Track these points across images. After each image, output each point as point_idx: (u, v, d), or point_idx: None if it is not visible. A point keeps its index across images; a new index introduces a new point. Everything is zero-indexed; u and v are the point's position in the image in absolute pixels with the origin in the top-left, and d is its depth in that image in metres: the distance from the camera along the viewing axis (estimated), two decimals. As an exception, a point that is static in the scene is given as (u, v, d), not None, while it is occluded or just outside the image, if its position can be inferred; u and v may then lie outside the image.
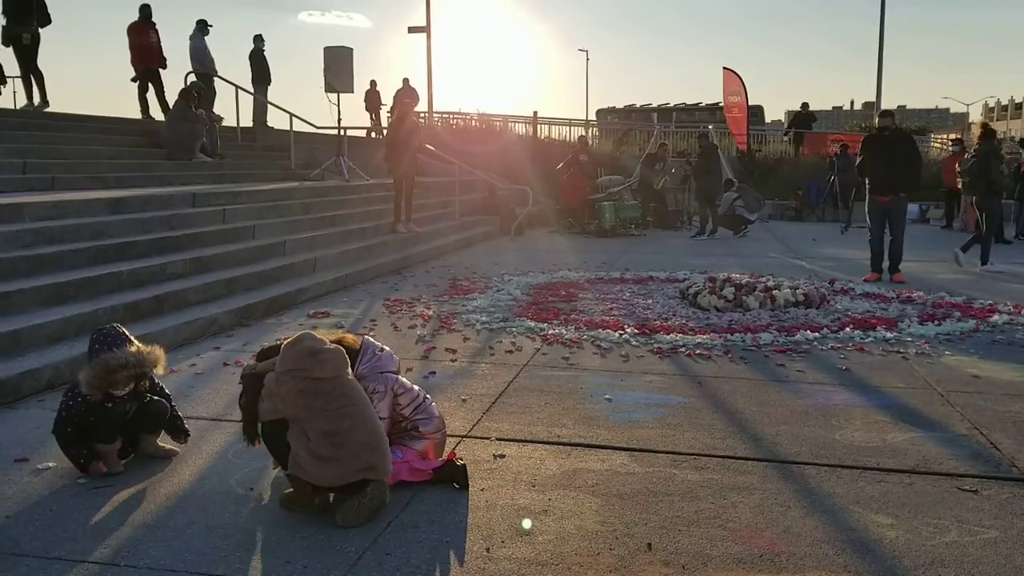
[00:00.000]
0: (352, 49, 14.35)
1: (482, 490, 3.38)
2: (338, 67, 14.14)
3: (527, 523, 3.06)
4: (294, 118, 15.12)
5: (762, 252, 12.41)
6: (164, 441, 3.81)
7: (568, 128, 25.95)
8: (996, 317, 6.94)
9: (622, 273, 9.78)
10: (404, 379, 3.68)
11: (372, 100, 25.52)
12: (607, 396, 4.71)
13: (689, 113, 41.94)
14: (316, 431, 3.02)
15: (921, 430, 4.14)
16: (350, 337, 3.64)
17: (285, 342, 3.21)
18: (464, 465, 3.45)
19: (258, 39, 17.34)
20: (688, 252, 12.39)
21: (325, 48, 14.29)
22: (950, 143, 19.88)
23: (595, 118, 47.27)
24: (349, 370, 3.21)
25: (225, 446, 3.88)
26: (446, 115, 27.09)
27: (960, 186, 11.15)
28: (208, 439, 3.99)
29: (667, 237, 15.00)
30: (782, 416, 4.37)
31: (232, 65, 17.45)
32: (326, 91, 14.24)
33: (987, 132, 10.79)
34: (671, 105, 50.54)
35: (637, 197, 16.54)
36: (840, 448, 3.88)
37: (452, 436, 4.00)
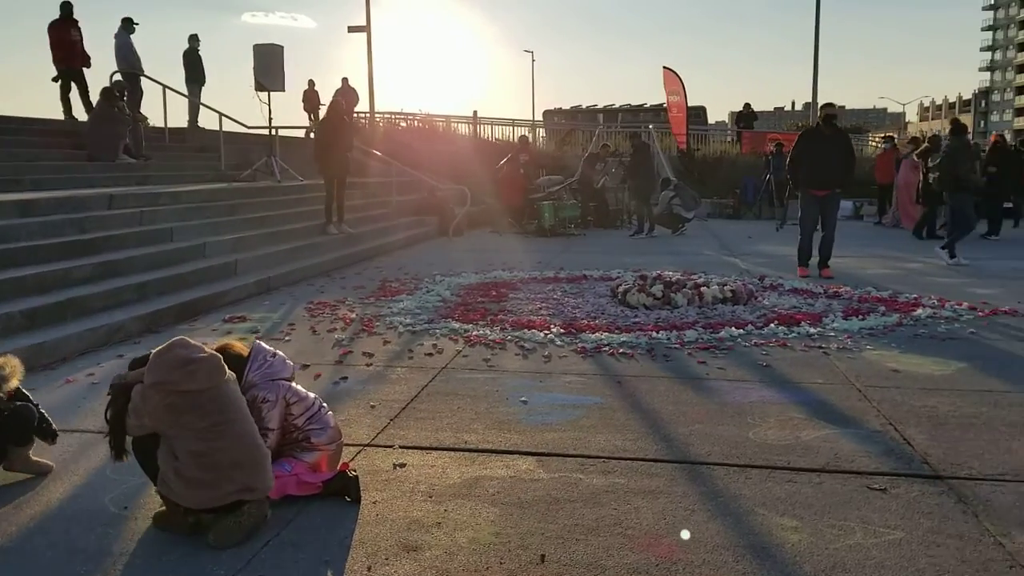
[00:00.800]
0: (282, 47, 14.03)
1: (375, 503, 3.19)
2: (268, 65, 13.80)
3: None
4: (224, 118, 14.79)
5: (698, 250, 12.42)
6: (40, 454, 3.54)
7: (511, 128, 25.85)
8: (920, 311, 6.97)
9: (556, 272, 9.67)
10: (299, 386, 3.48)
11: (311, 100, 25.06)
12: (523, 398, 4.56)
13: (634, 114, 42.26)
14: (184, 451, 2.80)
15: (836, 427, 4.08)
16: (237, 344, 3.43)
17: (155, 350, 2.98)
18: (356, 476, 3.26)
19: (193, 39, 16.90)
20: (625, 251, 12.34)
21: (255, 46, 13.94)
22: (882, 140, 20.22)
23: (542, 119, 47.34)
24: (229, 379, 3.00)
25: (105, 462, 3.62)
26: (388, 115, 26.79)
27: (931, 182, 11.23)
28: (88, 455, 3.74)
29: (606, 236, 14.96)
30: (698, 415, 4.27)
31: (176, 66, 17.04)
32: (256, 90, 13.91)
33: (956, 128, 10.86)
34: (617, 106, 50.95)
35: (578, 197, 16.49)
36: (752, 447, 3.79)
37: (353, 445, 3.81)
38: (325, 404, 3.53)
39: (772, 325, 6.41)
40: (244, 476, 2.86)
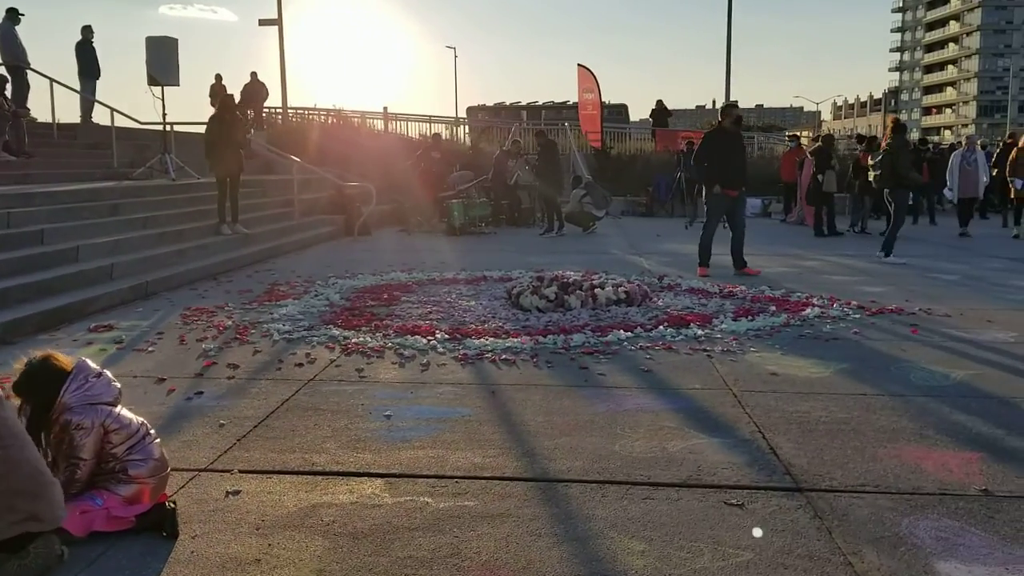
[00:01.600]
0: (176, 40, 13.46)
1: (194, 537, 2.91)
2: (162, 59, 13.21)
3: None
4: (117, 113, 14.11)
5: (605, 248, 12.36)
6: None
7: (428, 125, 25.49)
8: (809, 311, 6.98)
9: (456, 273, 9.44)
10: (123, 412, 3.15)
11: (219, 95, 24.24)
12: (387, 413, 4.31)
13: (558, 111, 42.33)
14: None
15: (704, 436, 3.95)
16: (63, 357, 3.10)
17: None
18: (174, 509, 2.98)
19: (86, 30, 16.13)
20: (533, 250, 12.19)
21: (147, 38, 13.34)
22: (787, 139, 20.58)
23: (466, 115, 47.03)
24: (9, 403, 2.68)
25: None
26: (301, 111, 26.12)
27: (871, 179, 11.36)
28: None
29: (517, 235, 14.79)
30: (567, 426, 4.09)
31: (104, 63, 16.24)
32: (149, 84, 13.30)
33: (897, 127, 10.99)
34: (540, 103, 51.01)
35: (490, 195, 16.29)
36: (616, 461, 3.62)
37: (187, 470, 3.51)
38: (152, 432, 3.22)
39: (661, 327, 6.31)
40: (28, 504, 2.55)
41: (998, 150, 16.23)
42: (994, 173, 15.01)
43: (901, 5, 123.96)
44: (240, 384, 4.88)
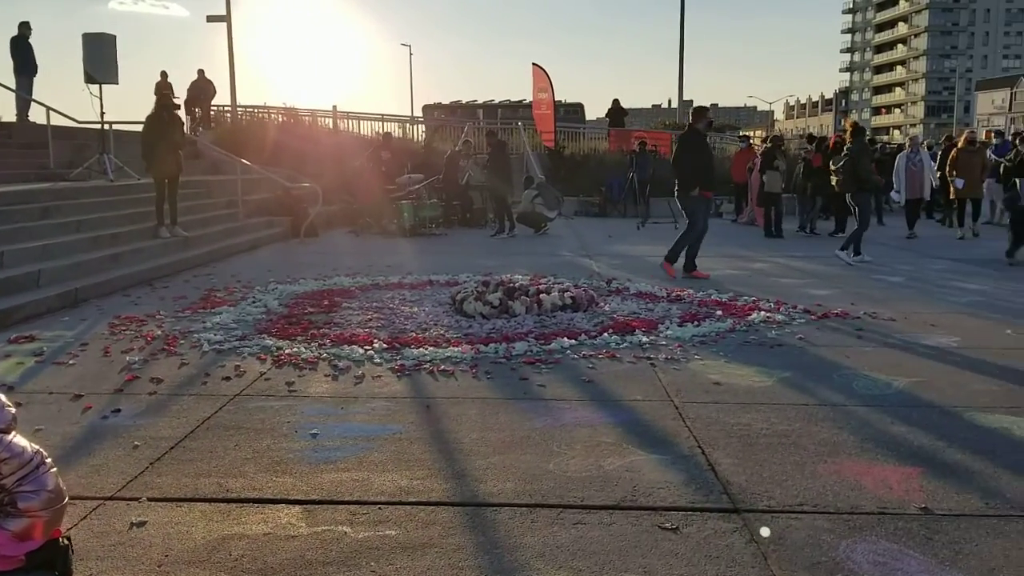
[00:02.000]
0: (115, 36, 13.04)
1: (87, 578, 2.69)
2: (99, 56, 12.79)
3: None
4: (54, 112, 13.61)
5: (556, 250, 12.24)
6: None
7: (381, 123, 25.14)
8: (755, 315, 6.92)
9: (402, 277, 9.22)
10: (17, 439, 2.91)
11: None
12: (314, 431, 4.11)
13: (513, 110, 42.20)
14: None
15: (643, 452, 3.82)
16: None
17: None
18: (68, 545, 2.75)
19: (23, 26, 15.60)
20: (483, 252, 12.02)
21: (84, 35, 12.90)
22: (739, 139, 20.69)
23: (422, 113, 46.68)
24: None
25: None
26: (250, 109, 25.59)
27: (833, 183, 11.41)
28: None
29: (468, 236, 14.61)
30: (501, 443, 3.93)
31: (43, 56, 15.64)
32: (86, 82, 12.86)
33: (857, 131, 11.04)
34: (496, 102, 50.87)
35: (441, 195, 16.07)
36: (549, 481, 3.47)
37: (92, 499, 3.28)
38: (49, 460, 2.97)
39: (606, 334, 6.18)
40: None
41: (941, 151, 16.46)
42: (939, 174, 15.21)
43: (852, 7, 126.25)
44: (161, 400, 4.63)
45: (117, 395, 4.74)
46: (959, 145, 14.02)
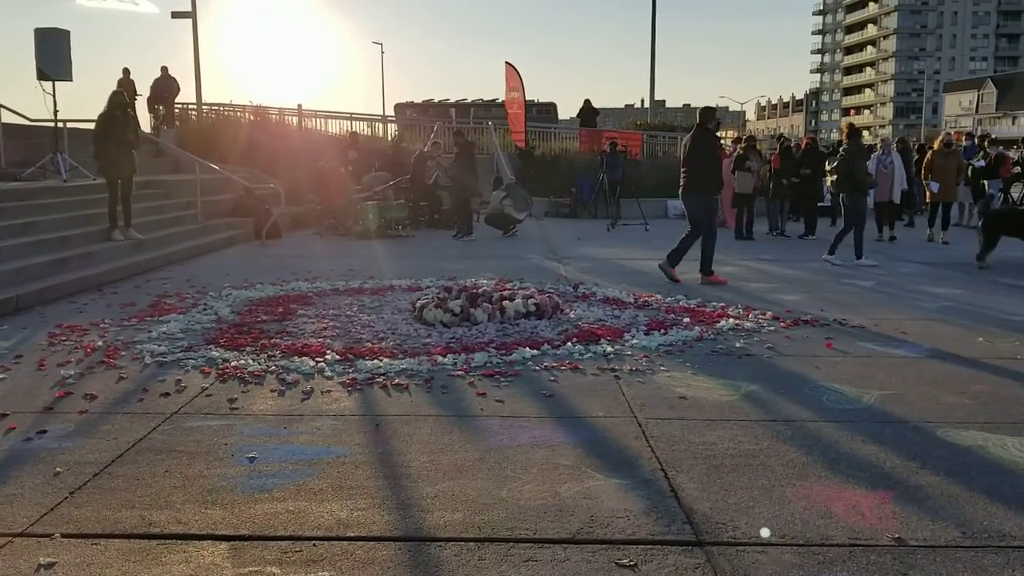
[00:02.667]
0: (68, 32, 12.63)
1: (-23, 634, 2.41)
2: (52, 52, 12.37)
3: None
4: (5, 110, 13.18)
5: (523, 253, 12.01)
6: None
7: (349, 122, 24.77)
8: (723, 322, 6.73)
9: (363, 282, 8.94)
10: None
11: (126, 89, 23.11)
12: (251, 454, 3.84)
13: (486, 109, 42.05)
14: None
15: (601, 476, 3.60)
16: None
17: None
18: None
19: None
20: (450, 255, 11.76)
21: (36, 30, 12.49)
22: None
23: (393, 112, 46.29)
24: None
25: None
26: (217, 107, 25.10)
27: (829, 185, 11.30)
28: None
29: (436, 238, 14.32)
30: (452, 467, 3.69)
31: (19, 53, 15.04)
32: (39, 79, 12.44)
33: (853, 133, 10.96)
34: (469, 101, 50.62)
35: (408, 196, 15.77)
36: (501, 511, 3.24)
37: (0, 535, 2.99)
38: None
39: (570, 343, 5.96)
40: None
41: (916, 156, 16.47)
42: (916, 178, 15.21)
43: (822, 8, 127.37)
44: (92, 420, 4.33)
45: (45, 414, 4.43)
46: (935, 148, 13.98)
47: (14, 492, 3.41)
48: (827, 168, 11.46)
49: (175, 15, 25.85)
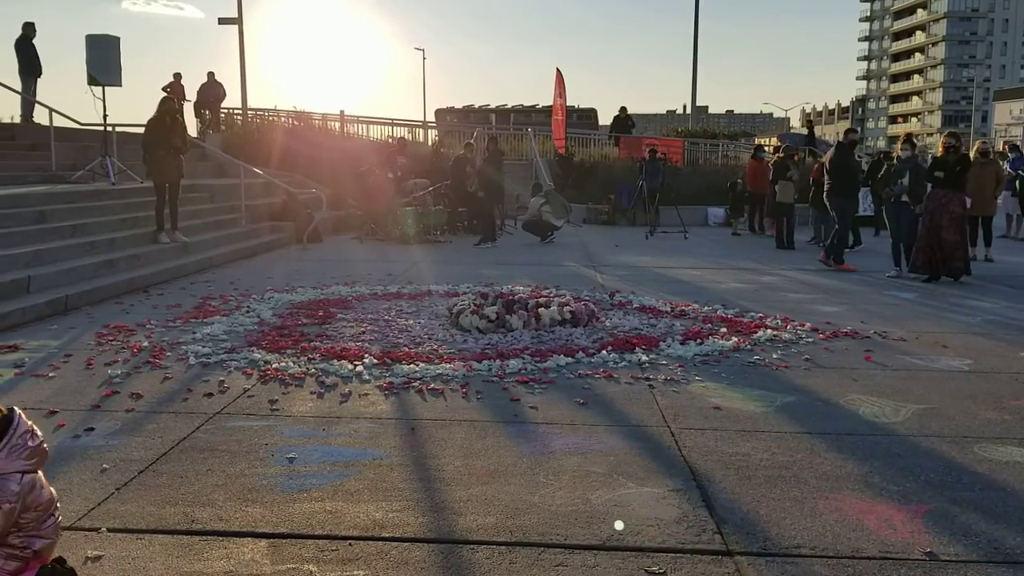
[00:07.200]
0: (118, 38, 12.95)
1: (29, 621, 2.52)
2: (102, 58, 12.71)
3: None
4: (57, 114, 13.55)
5: (560, 260, 12.04)
6: None
7: (391, 128, 25.02)
8: (761, 333, 6.70)
9: (401, 287, 9.06)
10: (41, 477, 2.69)
11: (176, 94, 23.62)
12: (291, 455, 3.94)
13: (526, 115, 42.09)
14: None
15: (633, 485, 3.63)
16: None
17: None
18: (72, 568, 2.59)
19: (28, 27, 15.53)
20: (487, 261, 11.84)
21: (87, 36, 12.82)
22: (754, 149, 20.41)
23: (434, 118, 46.58)
24: None
25: None
26: (260, 112, 25.51)
27: (883, 194, 11.14)
28: None
29: (473, 244, 14.41)
30: (486, 472, 3.75)
31: (63, 55, 15.61)
32: (89, 84, 12.79)
33: (908, 143, 10.76)
34: (509, 107, 50.74)
35: (447, 201, 15.88)
36: (533, 516, 3.28)
37: (48, 529, 3.10)
38: (59, 504, 2.77)
39: (605, 352, 5.99)
40: None
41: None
42: None
43: (869, 15, 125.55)
44: (138, 418, 4.47)
45: (93, 412, 4.58)
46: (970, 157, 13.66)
47: (63, 487, 3.53)
48: (879, 174, 11.41)
49: (222, 21, 26.33)
